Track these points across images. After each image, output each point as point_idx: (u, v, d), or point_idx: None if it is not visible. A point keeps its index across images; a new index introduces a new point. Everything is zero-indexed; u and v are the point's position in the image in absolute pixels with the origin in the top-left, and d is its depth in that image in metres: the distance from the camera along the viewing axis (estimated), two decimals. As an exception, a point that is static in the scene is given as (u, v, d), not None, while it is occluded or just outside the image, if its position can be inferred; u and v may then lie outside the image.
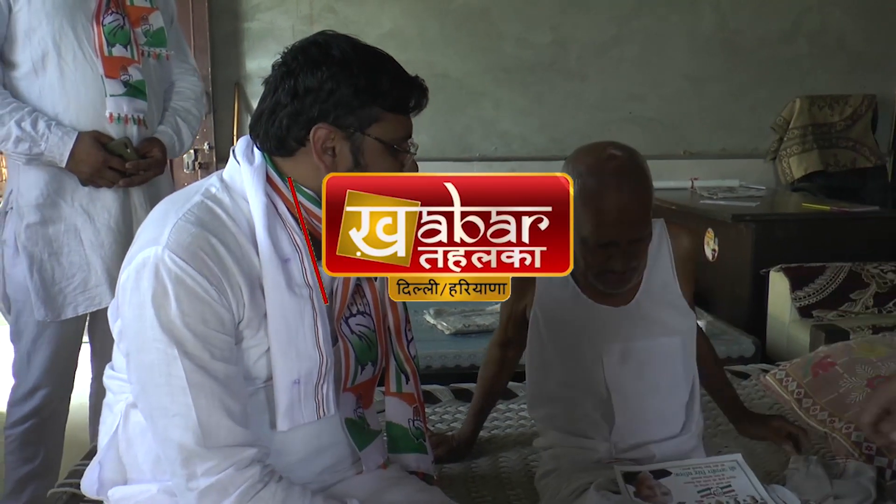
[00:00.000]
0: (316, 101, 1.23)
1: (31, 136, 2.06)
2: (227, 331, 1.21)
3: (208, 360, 1.19)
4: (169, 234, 1.19)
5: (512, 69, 4.76)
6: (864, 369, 2.14)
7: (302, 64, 1.24)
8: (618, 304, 1.68)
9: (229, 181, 1.29)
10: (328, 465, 1.39)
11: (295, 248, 1.26)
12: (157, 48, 2.28)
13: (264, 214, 1.24)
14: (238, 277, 1.21)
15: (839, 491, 1.70)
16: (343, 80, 1.22)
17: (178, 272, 1.17)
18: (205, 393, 1.19)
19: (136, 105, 2.19)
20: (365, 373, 1.41)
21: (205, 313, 1.18)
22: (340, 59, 1.23)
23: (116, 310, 1.29)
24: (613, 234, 1.53)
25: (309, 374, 1.29)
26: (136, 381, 1.25)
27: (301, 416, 1.30)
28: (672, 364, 1.69)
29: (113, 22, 2.15)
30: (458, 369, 2.83)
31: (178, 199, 1.28)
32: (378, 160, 1.27)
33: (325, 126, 1.23)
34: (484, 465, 1.97)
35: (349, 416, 1.39)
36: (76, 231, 2.18)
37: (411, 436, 1.50)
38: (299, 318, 1.26)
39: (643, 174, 1.56)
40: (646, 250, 1.61)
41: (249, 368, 1.27)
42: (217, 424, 1.19)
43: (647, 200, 1.55)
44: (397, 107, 1.27)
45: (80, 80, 2.12)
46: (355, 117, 1.24)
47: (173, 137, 2.32)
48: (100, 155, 2.12)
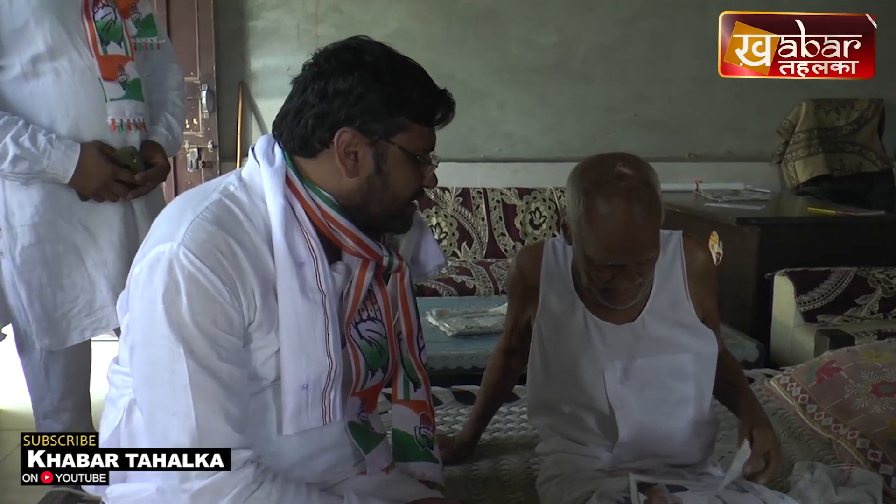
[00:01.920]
0: (344, 104, 1.23)
1: (32, 154, 1.91)
2: (235, 332, 1.21)
3: (214, 360, 1.18)
4: (185, 230, 1.18)
5: (517, 70, 4.75)
6: (870, 375, 2.13)
7: (334, 66, 1.24)
8: (621, 321, 1.63)
9: (248, 180, 1.28)
10: (330, 466, 1.38)
11: (310, 252, 1.26)
12: (149, 38, 2.15)
13: (282, 217, 1.23)
14: (252, 279, 1.21)
15: (844, 498, 1.68)
16: (373, 87, 1.23)
17: (192, 270, 1.16)
18: (206, 395, 1.18)
19: (136, 108, 2.08)
20: (374, 378, 1.40)
21: (215, 313, 1.18)
22: (372, 66, 1.24)
23: (126, 303, 1.29)
24: (621, 257, 1.47)
25: (318, 380, 1.28)
26: (139, 376, 1.24)
27: (307, 420, 1.30)
28: (679, 383, 1.63)
29: (105, 16, 2.01)
30: (460, 371, 2.82)
31: (195, 196, 1.27)
32: (399, 169, 1.28)
33: (351, 130, 1.24)
34: (485, 467, 1.95)
35: (353, 419, 1.38)
36: (77, 250, 2.04)
37: (417, 443, 1.49)
38: (311, 323, 1.26)
39: (653, 194, 1.46)
40: (653, 267, 1.56)
41: (257, 369, 1.27)
42: (215, 428, 1.19)
43: (656, 222, 1.48)
44: (424, 118, 1.28)
45: (77, 84, 1.97)
46: (381, 124, 1.24)
47: (168, 137, 2.20)
48: (107, 168, 2.00)
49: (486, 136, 4.81)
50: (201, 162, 4.49)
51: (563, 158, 4.79)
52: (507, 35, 4.73)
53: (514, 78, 4.76)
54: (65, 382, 2.10)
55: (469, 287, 3.95)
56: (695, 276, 1.65)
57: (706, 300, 1.67)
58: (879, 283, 3.26)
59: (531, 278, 1.69)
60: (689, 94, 4.85)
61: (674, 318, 1.64)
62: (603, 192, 1.45)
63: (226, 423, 1.19)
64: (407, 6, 4.65)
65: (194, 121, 4.49)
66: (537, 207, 4.64)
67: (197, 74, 4.46)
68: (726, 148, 4.92)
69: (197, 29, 4.42)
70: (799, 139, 4.75)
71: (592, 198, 1.45)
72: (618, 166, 1.47)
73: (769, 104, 4.83)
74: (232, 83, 4.61)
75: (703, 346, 1.64)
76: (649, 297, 1.63)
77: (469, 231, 4.57)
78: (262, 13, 4.61)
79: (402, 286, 1.41)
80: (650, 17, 4.79)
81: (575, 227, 1.51)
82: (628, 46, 4.80)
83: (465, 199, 4.60)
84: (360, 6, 4.63)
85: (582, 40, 4.78)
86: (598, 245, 1.47)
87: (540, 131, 4.83)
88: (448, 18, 4.68)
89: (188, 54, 4.43)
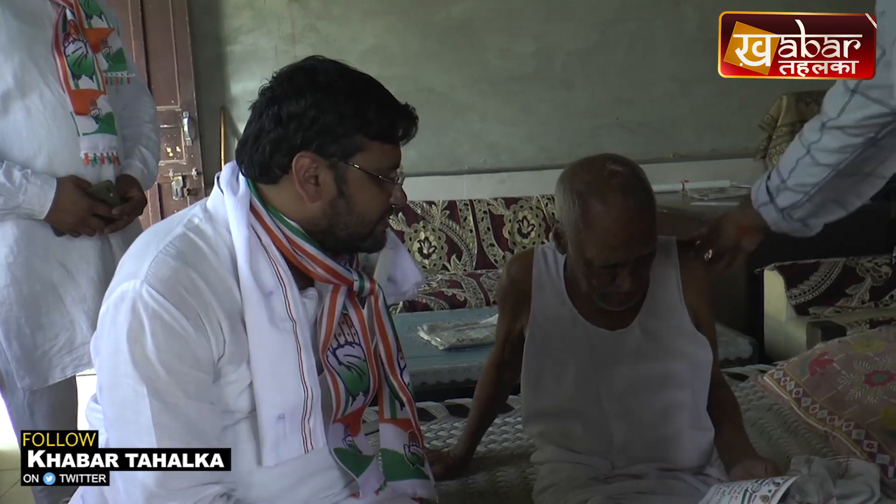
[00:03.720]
0: (300, 127, 1.21)
1: (7, 189, 1.89)
2: (202, 368, 1.19)
3: (180, 398, 1.17)
4: (148, 267, 1.17)
5: (497, 80, 4.76)
6: (862, 365, 2.13)
7: (287, 90, 1.22)
8: (615, 327, 1.62)
9: (213, 211, 1.26)
10: (315, 492, 1.36)
11: (279, 281, 1.24)
12: (120, 72, 2.13)
13: (246, 248, 1.21)
14: (218, 312, 1.19)
15: (842, 490, 1.67)
16: (327, 108, 1.20)
17: (156, 307, 1.15)
18: (170, 434, 1.17)
19: (109, 142, 2.05)
20: (356, 403, 1.38)
21: (181, 350, 1.16)
22: (326, 86, 1.21)
23: (97, 343, 1.27)
24: (621, 256, 1.46)
25: (294, 409, 1.26)
26: (108, 416, 1.24)
27: (288, 450, 1.28)
28: (673, 389, 1.62)
29: (76, 51, 1.99)
30: (453, 384, 2.80)
31: (160, 231, 1.26)
32: (363, 190, 1.25)
33: (309, 154, 1.21)
34: (481, 480, 1.94)
35: (339, 446, 1.36)
36: (54, 288, 2.01)
37: (407, 461, 1.47)
38: (282, 353, 1.24)
39: (645, 188, 1.48)
40: (650, 265, 1.55)
41: (230, 403, 1.25)
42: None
43: (652, 216, 1.49)
44: (383, 135, 1.24)
45: (49, 120, 1.96)
46: (339, 146, 1.22)
47: (143, 171, 2.18)
48: (84, 203, 1.97)
49: (469, 147, 4.81)
50: (186, 189, 4.48)
51: (549, 165, 4.79)
52: (484, 46, 4.74)
53: (495, 88, 4.77)
54: (51, 423, 2.06)
55: (460, 299, 3.94)
56: (689, 283, 1.64)
57: (701, 308, 1.66)
58: (868, 272, 3.26)
59: (523, 287, 1.68)
60: (671, 94, 4.86)
61: (668, 324, 1.63)
62: (597, 192, 1.45)
63: (190, 462, 1.18)
64: (383, 22, 4.65)
65: (177, 148, 4.49)
66: (525, 216, 4.64)
67: (178, 102, 4.45)
68: (711, 146, 4.93)
69: (175, 57, 4.41)
70: (782, 133, 4.75)
71: (587, 199, 1.45)
72: (608, 165, 1.47)
73: (751, 100, 4.84)
74: (213, 109, 4.60)
75: (698, 353, 1.63)
76: (643, 304, 1.62)
77: (458, 243, 4.56)
78: (239, 37, 4.61)
79: (377, 308, 1.39)
80: (627, 19, 4.80)
81: (571, 231, 1.50)
82: (607, 50, 4.81)
83: (453, 211, 4.60)
84: (337, 25, 4.63)
85: (560, 47, 4.79)
86: (598, 246, 1.46)
87: (524, 140, 4.84)
88: (425, 33, 4.69)
89: (168, 82, 4.42)
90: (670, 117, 4.87)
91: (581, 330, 1.63)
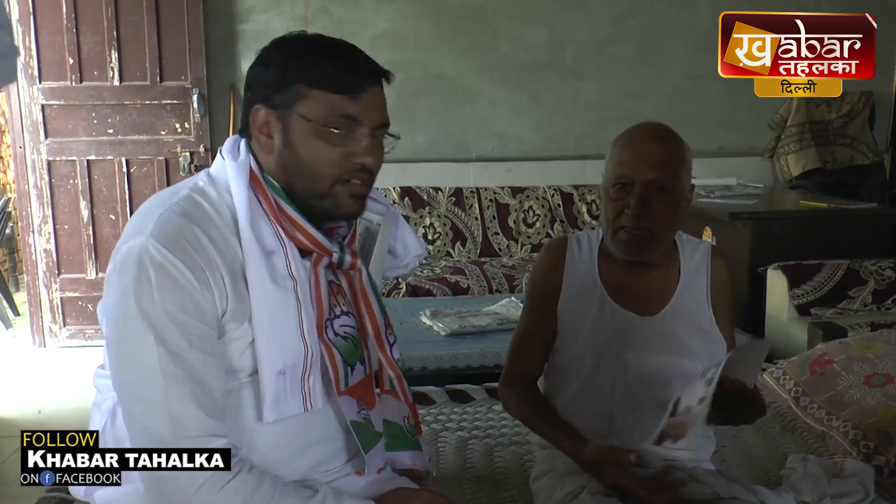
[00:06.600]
0: (256, 84, 1.29)
1: None
2: (206, 321, 1.22)
3: (185, 348, 1.19)
4: (154, 224, 1.21)
5: (508, 69, 4.75)
6: (862, 367, 2.14)
7: (259, 58, 1.31)
8: (643, 313, 1.66)
9: (215, 175, 1.31)
10: (316, 464, 1.37)
11: (279, 240, 1.28)
12: None
13: (247, 207, 1.25)
14: (221, 269, 1.23)
15: (837, 490, 1.68)
16: (276, 62, 1.27)
17: (162, 260, 1.18)
18: (177, 382, 1.19)
19: None
20: (356, 373, 1.39)
21: (185, 302, 1.19)
22: (285, 46, 1.29)
23: (104, 306, 1.29)
24: (630, 170, 1.57)
25: (294, 365, 1.29)
26: (114, 369, 1.25)
27: (288, 407, 1.29)
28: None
29: None
30: (454, 370, 2.82)
31: (166, 194, 1.30)
32: (306, 140, 1.27)
33: (263, 108, 1.28)
34: (479, 465, 1.95)
35: (354, 418, 1.37)
36: None
37: (406, 433, 1.49)
38: (283, 310, 1.27)
39: (675, 134, 1.62)
40: (666, 214, 1.59)
41: (234, 362, 1.27)
42: (188, 414, 1.20)
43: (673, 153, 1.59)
44: (329, 84, 1.25)
45: None
46: (282, 95, 1.27)
47: None
48: None
49: (477, 135, 4.80)
50: (193, 166, 4.48)
51: (556, 156, 4.80)
52: (496, 34, 4.73)
53: (505, 76, 4.76)
54: None
55: (463, 287, 3.94)
56: (717, 287, 1.70)
57: (724, 314, 1.70)
58: (872, 275, 3.26)
59: (556, 272, 1.72)
60: (680, 89, 4.85)
61: (693, 321, 1.67)
62: (628, 130, 1.65)
63: (199, 410, 1.20)
64: (396, 7, 4.65)
65: (186, 124, 4.48)
66: (531, 206, 4.64)
67: (188, 78, 4.45)
68: (718, 143, 4.92)
69: (187, 33, 4.40)
70: (790, 133, 4.76)
71: (619, 137, 1.65)
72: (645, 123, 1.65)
73: (760, 98, 4.81)
74: (223, 87, 4.60)
75: (713, 353, 1.65)
76: (672, 296, 1.67)
77: (463, 231, 4.56)
78: (252, 16, 4.61)
79: (361, 284, 1.41)
80: (640, 13, 4.79)
81: (603, 173, 1.65)
82: (618, 43, 4.80)
83: (458, 198, 4.60)
84: (349, 8, 4.63)
85: (572, 38, 4.78)
86: (613, 163, 1.61)
87: (532, 129, 4.83)
88: (438, 18, 4.68)
89: (179, 58, 4.42)
90: (679, 113, 4.85)
91: (609, 312, 1.66)
